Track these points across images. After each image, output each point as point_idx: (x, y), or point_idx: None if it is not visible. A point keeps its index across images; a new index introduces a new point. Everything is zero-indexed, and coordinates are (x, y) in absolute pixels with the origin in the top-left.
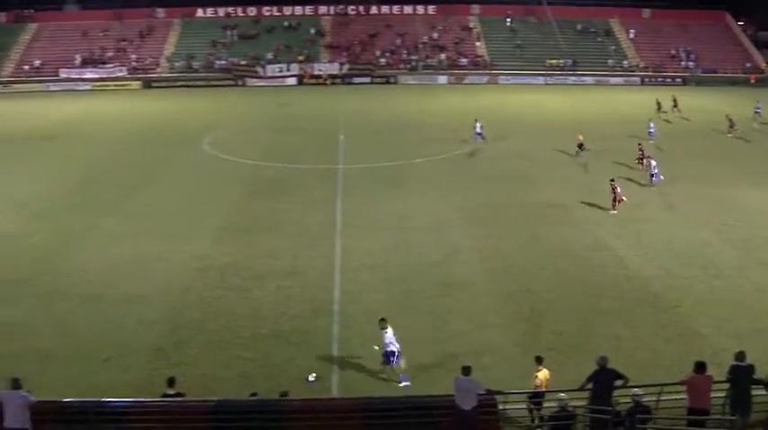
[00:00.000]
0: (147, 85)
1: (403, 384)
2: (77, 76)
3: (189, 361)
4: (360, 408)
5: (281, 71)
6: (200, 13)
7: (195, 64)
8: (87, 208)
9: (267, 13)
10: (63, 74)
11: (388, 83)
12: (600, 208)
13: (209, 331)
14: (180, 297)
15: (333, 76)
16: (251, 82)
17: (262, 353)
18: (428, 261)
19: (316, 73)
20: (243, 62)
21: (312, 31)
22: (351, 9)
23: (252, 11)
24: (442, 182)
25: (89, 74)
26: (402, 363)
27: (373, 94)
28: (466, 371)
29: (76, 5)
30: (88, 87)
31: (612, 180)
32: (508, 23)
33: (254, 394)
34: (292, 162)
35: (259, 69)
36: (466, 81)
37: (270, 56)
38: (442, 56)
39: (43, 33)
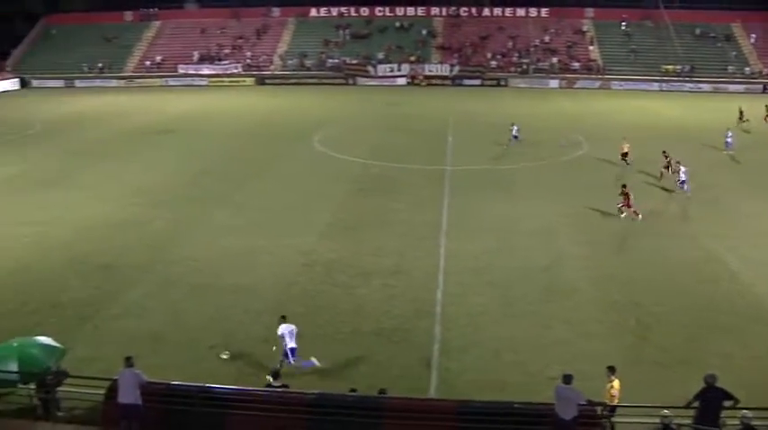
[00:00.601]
0: (261, 81)
1: (305, 365)
2: (195, 72)
3: None
4: (456, 410)
5: (391, 71)
6: (313, 12)
7: (307, 62)
8: (201, 199)
9: (380, 14)
10: (181, 69)
11: (498, 85)
12: (710, 219)
13: (312, 325)
14: (285, 290)
15: (441, 77)
16: (361, 81)
17: (363, 349)
18: (532, 266)
19: (426, 74)
20: (354, 61)
21: (424, 31)
22: (463, 11)
23: (364, 11)
24: (550, 186)
25: (206, 70)
26: (315, 362)
27: (483, 96)
28: (567, 379)
29: (196, 4)
30: (204, 83)
31: (624, 186)
32: (623, 27)
33: (353, 390)
34: (400, 161)
35: (370, 69)
36: (577, 85)
37: (381, 56)
38: (554, 59)
39: (165, 31)
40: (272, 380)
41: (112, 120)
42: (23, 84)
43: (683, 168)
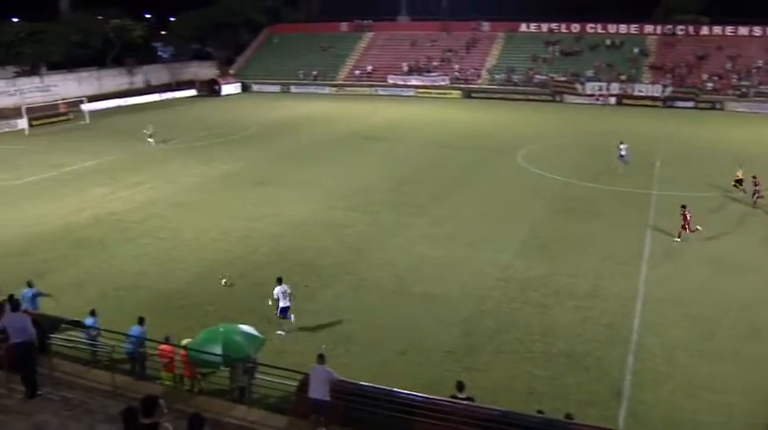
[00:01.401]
0: (467, 94)
1: (279, 333)
2: (403, 83)
3: (479, 367)
4: None
5: (600, 89)
6: (523, 27)
7: (515, 77)
8: (401, 206)
9: (591, 30)
10: (391, 80)
11: (713, 109)
12: None
13: (502, 341)
14: (478, 303)
15: (652, 98)
16: (569, 98)
17: (551, 371)
18: (736, 302)
19: (636, 94)
20: (562, 78)
21: (636, 50)
22: (679, 29)
23: (575, 27)
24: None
25: (414, 81)
26: (291, 318)
27: (696, 120)
28: None
29: (408, 17)
30: (412, 93)
31: (684, 207)
32: None
33: (540, 411)
34: (603, 183)
35: (578, 86)
36: None
37: (590, 73)
38: None
39: (377, 42)
40: (457, 392)
41: (323, 125)
42: (244, 88)
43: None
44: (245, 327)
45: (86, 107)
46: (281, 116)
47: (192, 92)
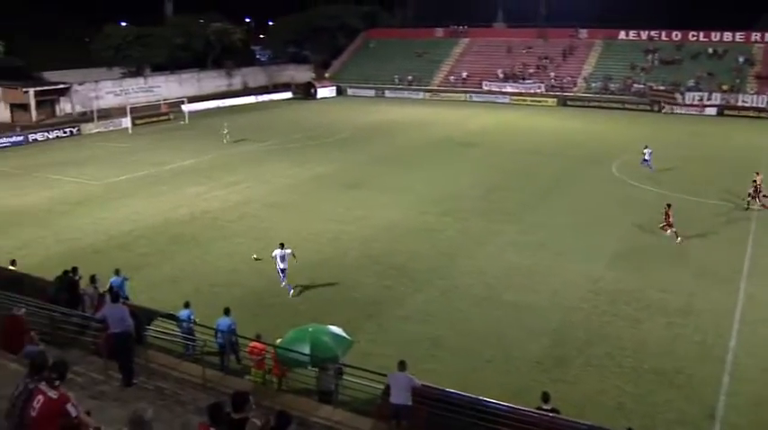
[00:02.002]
0: (563, 102)
1: (290, 291)
2: (498, 89)
3: (567, 379)
4: None
5: (700, 100)
6: (622, 35)
7: (612, 86)
8: (492, 213)
9: (693, 38)
10: (485, 86)
11: None
12: None
13: (591, 354)
14: (568, 314)
15: (757, 109)
16: (667, 108)
17: (641, 387)
18: None
19: (739, 104)
20: (661, 87)
21: (740, 59)
22: None
23: (676, 35)
24: None
25: (509, 88)
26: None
27: None
28: None
29: (504, 23)
30: (506, 100)
31: (668, 205)
32: None
33: (629, 429)
34: (701, 196)
35: (678, 96)
36: None
37: (691, 83)
38: None
39: (472, 48)
40: (543, 403)
41: (416, 130)
42: (339, 91)
43: None
44: (333, 328)
45: (186, 107)
46: (375, 120)
47: (288, 94)
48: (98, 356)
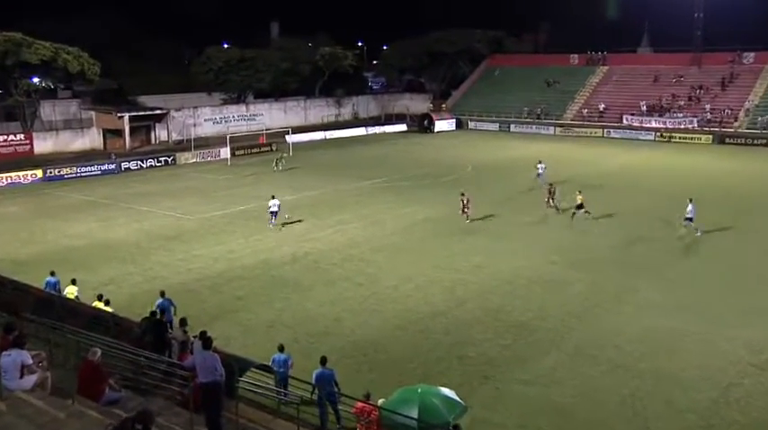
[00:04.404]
0: (720, 139)
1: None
2: (639, 124)
3: None
4: None
5: None
6: None
7: None
8: (626, 265)
9: None
10: (626, 120)
11: None
12: None
13: None
14: (722, 390)
15: None
16: None
17: None
18: None
19: None
20: None
21: None
22: None
23: None
24: None
25: (654, 122)
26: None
27: None
28: None
29: (650, 48)
30: (650, 137)
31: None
32: None
33: None
34: None
35: None
36: None
37: None
38: None
39: (612, 77)
40: None
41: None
42: (459, 124)
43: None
44: (445, 390)
45: (290, 138)
46: (499, 157)
47: (403, 127)
48: (184, 408)
